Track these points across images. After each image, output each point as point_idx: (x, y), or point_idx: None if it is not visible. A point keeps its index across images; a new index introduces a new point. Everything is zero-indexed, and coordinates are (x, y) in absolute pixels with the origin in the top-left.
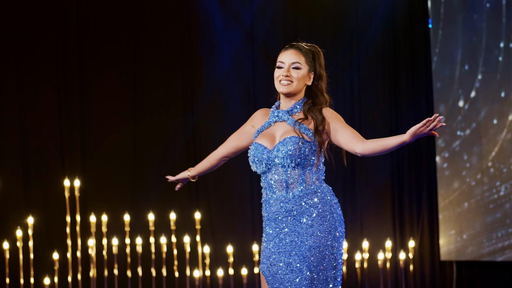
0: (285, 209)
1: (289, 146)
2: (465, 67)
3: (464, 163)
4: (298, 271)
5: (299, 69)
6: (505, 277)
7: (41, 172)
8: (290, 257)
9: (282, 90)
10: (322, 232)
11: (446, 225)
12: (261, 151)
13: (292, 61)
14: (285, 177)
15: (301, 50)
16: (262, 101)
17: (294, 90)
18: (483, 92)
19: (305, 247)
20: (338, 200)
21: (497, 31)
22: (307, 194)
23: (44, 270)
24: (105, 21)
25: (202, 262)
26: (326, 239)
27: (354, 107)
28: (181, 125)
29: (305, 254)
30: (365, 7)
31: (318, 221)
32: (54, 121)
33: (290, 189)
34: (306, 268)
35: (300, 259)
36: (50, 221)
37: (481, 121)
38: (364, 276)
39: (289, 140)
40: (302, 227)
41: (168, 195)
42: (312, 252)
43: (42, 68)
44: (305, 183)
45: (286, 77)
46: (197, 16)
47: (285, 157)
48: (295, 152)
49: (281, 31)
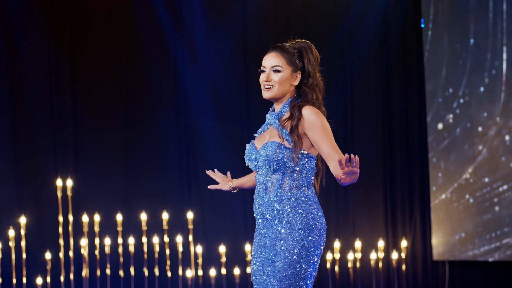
0: (261, 211)
1: (267, 151)
2: (458, 64)
3: (456, 162)
4: (267, 274)
5: (279, 72)
6: (497, 277)
7: (33, 171)
8: (264, 260)
9: (264, 96)
10: (290, 239)
11: (439, 225)
12: (252, 151)
13: (272, 64)
14: (265, 180)
15: (283, 51)
16: (255, 98)
17: (277, 95)
18: (475, 92)
19: (273, 251)
20: (330, 199)
21: (485, 31)
22: (280, 200)
23: (37, 270)
24: (97, 21)
25: (195, 261)
26: (294, 247)
27: (346, 109)
28: (173, 124)
29: (272, 258)
30: (356, 7)
31: (287, 228)
32: (46, 121)
33: (267, 192)
34: (272, 273)
35: (268, 263)
36: (42, 221)
37: (473, 120)
38: (356, 276)
39: (270, 145)
40: (273, 232)
41: (161, 195)
42: (278, 258)
43: (34, 67)
44: (280, 189)
45: (267, 82)
46: (188, 14)
47: (264, 161)
48: (272, 158)
49: (273, 30)
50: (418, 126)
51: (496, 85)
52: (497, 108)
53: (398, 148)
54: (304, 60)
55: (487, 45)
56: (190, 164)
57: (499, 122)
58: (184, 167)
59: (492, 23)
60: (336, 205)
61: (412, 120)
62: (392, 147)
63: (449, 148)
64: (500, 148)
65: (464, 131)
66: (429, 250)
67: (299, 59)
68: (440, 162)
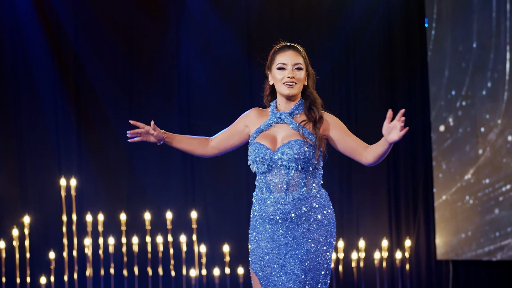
0: (283, 211)
1: (294, 149)
2: (460, 64)
3: (460, 162)
4: (292, 274)
5: (301, 70)
6: (501, 277)
7: (37, 171)
8: (284, 260)
9: (288, 93)
10: (320, 236)
11: (443, 224)
12: (263, 151)
13: (295, 61)
14: (287, 179)
15: (299, 52)
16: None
17: (298, 92)
18: (477, 92)
19: (303, 250)
20: (335, 198)
21: (489, 30)
22: (307, 198)
23: (41, 269)
24: (101, 22)
25: (199, 261)
26: (323, 244)
27: (350, 108)
28: (176, 124)
29: (301, 257)
30: (360, 7)
31: (316, 226)
32: (51, 120)
33: (290, 191)
34: (301, 272)
35: (295, 262)
36: (46, 220)
37: (477, 120)
38: (360, 275)
39: (294, 143)
40: (300, 231)
41: (165, 195)
42: (309, 256)
43: (38, 66)
44: (305, 187)
45: (291, 79)
46: (190, 14)
47: (290, 160)
48: (300, 156)
49: (276, 30)
50: (422, 126)
51: (499, 85)
52: (502, 107)
53: (402, 147)
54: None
55: (490, 44)
56: (194, 163)
57: (504, 122)
58: (187, 167)
59: (496, 23)
60: (340, 205)
61: (416, 120)
62: (396, 146)
63: (454, 147)
64: (505, 148)
65: (469, 130)
66: (433, 250)
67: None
68: (444, 162)
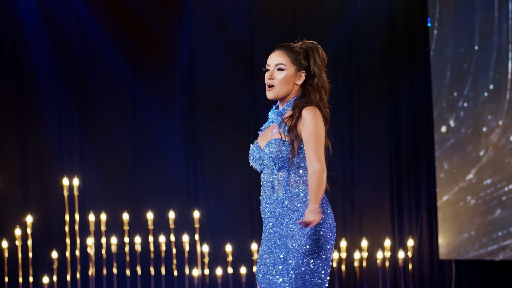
0: (269, 210)
1: (271, 148)
2: (463, 66)
3: (462, 162)
4: (280, 273)
5: (282, 70)
6: (504, 276)
7: (40, 170)
8: (274, 259)
9: (268, 96)
10: (301, 236)
11: (445, 224)
12: (256, 150)
13: (276, 62)
14: (271, 178)
15: (288, 50)
16: (261, 97)
17: (279, 94)
18: (480, 91)
19: (285, 249)
20: (337, 199)
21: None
22: (290, 197)
23: (43, 269)
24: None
25: (201, 261)
26: (306, 243)
27: (353, 108)
28: (180, 124)
29: (285, 256)
30: (363, 7)
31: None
32: (53, 120)
33: (275, 190)
34: (286, 271)
35: (281, 261)
36: (49, 220)
37: (480, 120)
38: (363, 275)
39: (273, 142)
40: (283, 229)
41: (167, 194)
42: (291, 255)
43: (41, 65)
44: (288, 186)
45: (269, 80)
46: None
47: (268, 159)
48: (275, 155)
49: (280, 30)
50: (425, 126)
51: (501, 85)
52: (504, 107)
53: (405, 147)
54: (310, 60)
55: (492, 44)
56: (197, 163)
57: (507, 122)
58: (190, 166)
59: (498, 23)
60: (342, 204)
61: (418, 120)
62: (399, 146)
63: (456, 147)
64: (507, 147)
65: (471, 130)
66: (436, 249)
67: (304, 58)
68: (447, 161)
